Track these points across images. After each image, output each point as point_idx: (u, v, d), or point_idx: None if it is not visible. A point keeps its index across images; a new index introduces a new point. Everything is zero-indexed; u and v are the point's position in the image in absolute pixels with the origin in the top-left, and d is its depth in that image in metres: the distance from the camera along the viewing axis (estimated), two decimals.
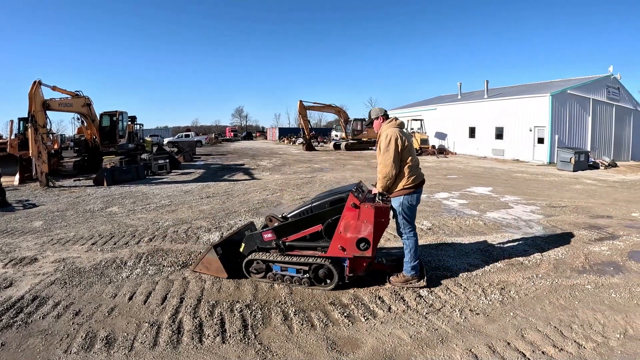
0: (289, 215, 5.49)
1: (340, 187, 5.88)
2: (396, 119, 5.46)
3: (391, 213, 5.15)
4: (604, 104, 32.06)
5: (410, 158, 5.19)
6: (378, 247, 5.57)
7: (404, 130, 5.37)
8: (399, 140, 5.09)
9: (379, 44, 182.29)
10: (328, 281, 5.11)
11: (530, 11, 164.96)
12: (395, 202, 5.20)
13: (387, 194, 5.22)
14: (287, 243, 5.21)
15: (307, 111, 39.57)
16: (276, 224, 5.38)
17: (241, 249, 5.47)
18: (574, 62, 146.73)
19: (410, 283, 5.20)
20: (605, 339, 4.02)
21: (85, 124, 20.68)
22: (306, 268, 5.08)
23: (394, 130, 5.17)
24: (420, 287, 5.18)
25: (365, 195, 5.24)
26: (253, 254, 5.35)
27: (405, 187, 5.13)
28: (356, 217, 4.78)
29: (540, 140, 28.53)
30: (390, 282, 5.29)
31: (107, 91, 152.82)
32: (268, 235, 5.26)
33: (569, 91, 28.99)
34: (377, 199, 5.12)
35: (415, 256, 5.21)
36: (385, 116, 5.51)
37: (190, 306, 4.60)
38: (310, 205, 5.34)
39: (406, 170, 5.14)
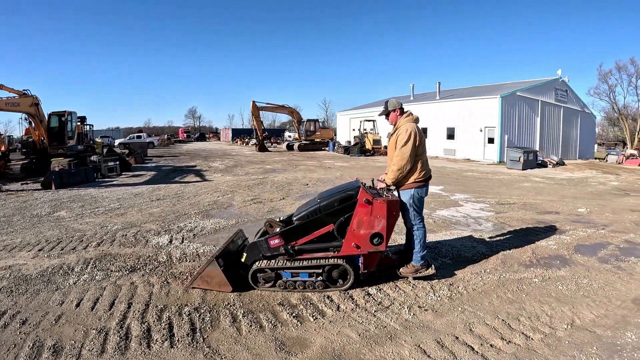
0: (294, 219, 5.28)
1: (341, 185, 5.80)
2: (411, 113, 5.61)
3: None
4: (553, 105, 33.35)
5: (423, 153, 5.42)
6: None
7: (418, 125, 5.52)
8: (417, 136, 5.28)
9: (332, 45, 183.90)
10: (342, 281, 5.06)
11: (481, 13, 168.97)
12: (406, 194, 5.38)
13: (395, 187, 5.42)
14: (296, 247, 5.05)
15: (260, 112, 39.62)
16: (278, 229, 5.22)
17: (243, 259, 5.20)
18: (524, 65, 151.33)
19: (420, 272, 5.36)
20: (552, 330, 4.14)
21: (33, 124, 20.01)
22: (319, 271, 4.98)
23: (413, 126, 5.36)
24: (430, 275, 5.37)
25: (371, 190, 5.29)
26: (262, 262, 5.08)
27: (416, 180, 5.34)
28: (369, 213, 4.81)
29: (491, 140, 29.49)
30: (400, 274, 5.41)
31: (55, 90, 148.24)
32: (275, 241, 5.04)
33: (518, 93, 30.01)
34: (385, 192, 5.21)
35: (424, 246, 5.41)
36: (402, 109, 5.63)
37: (139, 311, 4.48)
38: (318, 206, 5.15)
39: (419, 164, 5.35)
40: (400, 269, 5.44)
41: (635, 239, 7.63)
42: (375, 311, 4.53)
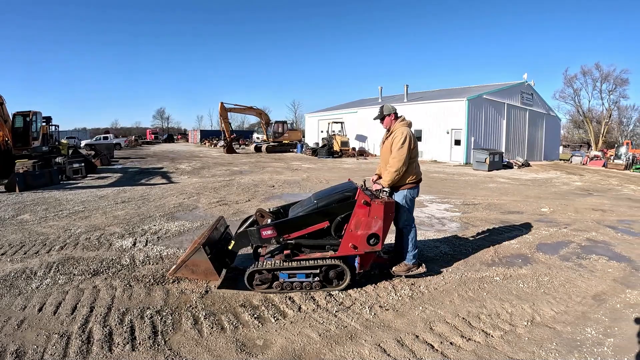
0: (290, 217, 5.35)
1: (336, 186, 5.83)
2: (405, 118, 5.79)
3: None
4: (518, 108, 34.16)
5: (416, 156, 5.63)
6: None
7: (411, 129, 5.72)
8: (412, 139, 5.47)
9: (301, 47, 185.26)
10: (339, 281, 5.12)
11: (448, 17, 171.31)
12: (400, 195, 5.58)
13: (390, 189, 5.55)
14: (289, 240, 5.07)
15: (229, 113, 39.26)
16: (269, 220, 5.32)
17: (230, 247, 5.23)
18: (490, 69, 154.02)
19: (412, 270, 5.51)
20: (512, 327, 4.25)
21: None
22: (316, 271, 5.02)
23: (408, 129, 5.57)
24: (421, 273, 5.56)
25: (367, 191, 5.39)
26: (260, 264, 5.06)
27: (410, 181, 5.56)
28: (367, 214, 4.89)
29: (457, 142, 30.06)
30: (394, 273, 5.53)
31: (19, 89, 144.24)
32: (268, 232, 5.02)
33: (485, 96, 30.62)
34: (380, 193, 5.37)
35: (415, 245, 5.58)
36: (396, 114, 5.80)
37: (101, 315, 4.44)
38: (316, 206, 5.19)
39: (412, 167, 5.56)
40: (393, 268, 5.56)
41: (596, 237, 7.88)
42: (336, 311, 4.57)
